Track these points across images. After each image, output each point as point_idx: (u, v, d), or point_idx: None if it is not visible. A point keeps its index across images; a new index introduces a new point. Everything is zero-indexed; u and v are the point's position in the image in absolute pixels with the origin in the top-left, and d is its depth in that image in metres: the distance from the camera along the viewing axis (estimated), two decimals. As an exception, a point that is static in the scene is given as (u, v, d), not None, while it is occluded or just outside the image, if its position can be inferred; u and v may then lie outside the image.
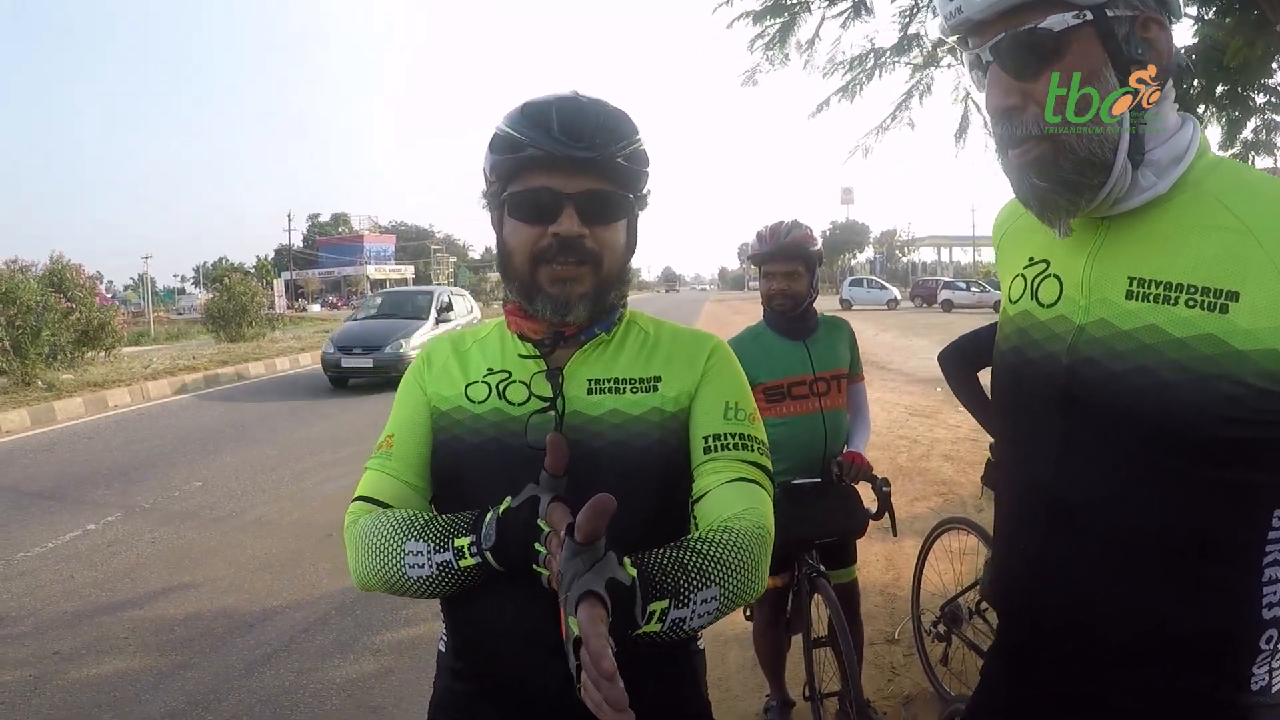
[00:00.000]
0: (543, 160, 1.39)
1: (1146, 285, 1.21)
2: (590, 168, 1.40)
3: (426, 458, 1.55)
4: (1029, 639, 1.41)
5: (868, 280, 57.87)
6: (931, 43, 6.62)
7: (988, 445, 3.41)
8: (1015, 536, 1.43)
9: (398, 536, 1.39)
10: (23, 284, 16.29)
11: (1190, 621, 1.21)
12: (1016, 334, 1.41)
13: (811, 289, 3.36)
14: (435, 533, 1.37)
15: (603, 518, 1.09)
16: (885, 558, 5.84)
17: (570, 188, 1.40)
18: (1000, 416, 1.52)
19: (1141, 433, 1.20)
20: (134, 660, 4.71)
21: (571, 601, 1.09)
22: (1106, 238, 1.28)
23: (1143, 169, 1.22)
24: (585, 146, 1.38)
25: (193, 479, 8.84)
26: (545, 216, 1.41)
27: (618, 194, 1.45)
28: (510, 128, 1.43)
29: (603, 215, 1.43)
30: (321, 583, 5.80)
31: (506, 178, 1.45)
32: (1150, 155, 1.22)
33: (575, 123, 1.39)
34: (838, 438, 3.37)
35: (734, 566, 1.30)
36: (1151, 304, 1.20)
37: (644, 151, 1.49)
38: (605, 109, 1.45)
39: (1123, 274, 1.25)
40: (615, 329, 1.56)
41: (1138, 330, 1.21)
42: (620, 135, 1.43)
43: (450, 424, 1.53)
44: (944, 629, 4.08)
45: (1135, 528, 1.22)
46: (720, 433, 1.49)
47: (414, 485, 1.54)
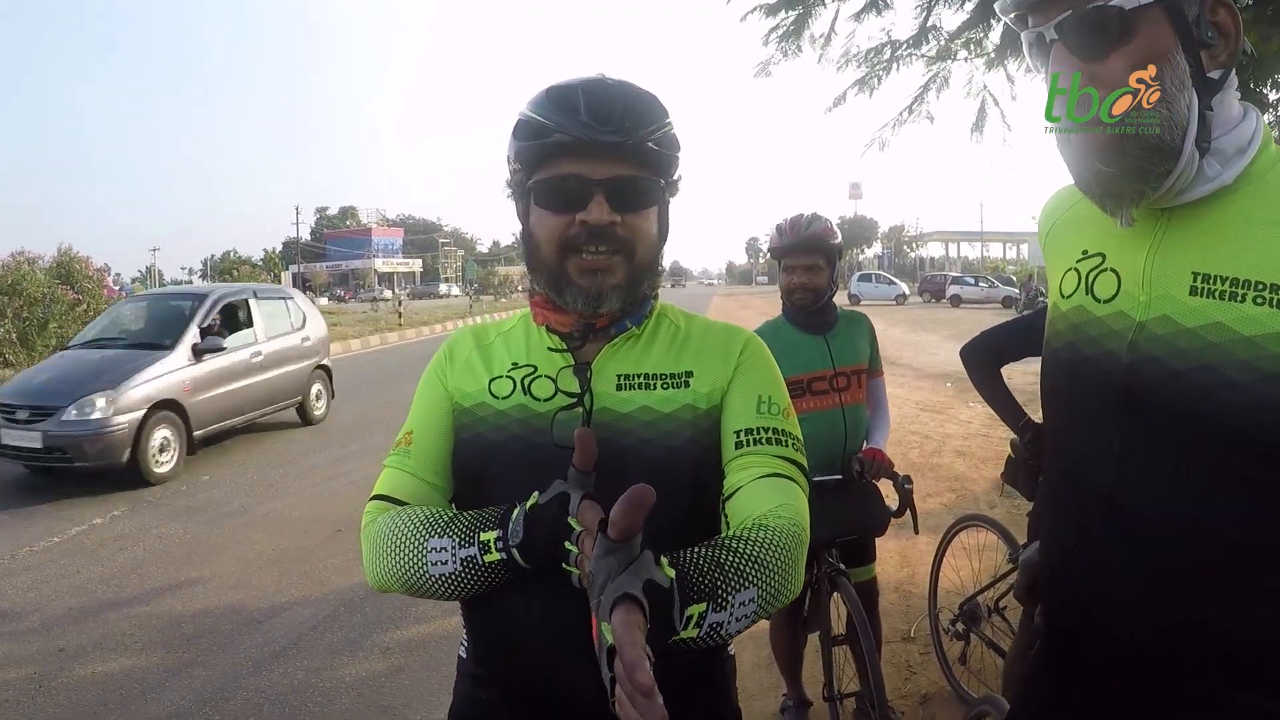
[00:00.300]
0: (570, 146, 1.33)
1: (1212, 281, 1.15)
2: (620, 152, 1.33)
3: (447, 455, 1.48)
4: (1083, 644, 1.35)
5: (876, 275, 57.86)
6: (948, 35, 6.55)
7: (1008, 442, 3.37)
8: (1067, 540, 1.37)
9: (420, 534, 1.32)
10: (29, 276, 16.33)
11: (1256, 627, 1.16)
12: (1071, 330, 1.35)
13: (832, 282, 3.31)
14: (460, 528, 1.30)
15: (640, 511, 1.01)
16: (899, 554, 5.78)
17: (599, 174, 1.33)
18: (1052, 416, 1.45)
19: (1207, 434, 1.15)
20: (140, 658, 4.67)
21: (605, 606, 1.01)
22: (1168, 231, 1.22)
23: (1208, 158, 1.17)
24: (614, 130, 1.32)
25: (200, 473, 8.83)
26: (573, 204, 1.34)
27: (649, 179, 1.38)
28: (535, 112, 1.36)
29: (634, 202, 1.37)
30: (330, 579, 5.76)
31: (532, 165, 1.38)
32: (1216, 143, 1.17)
33: (603, 106, 1.33)
34: (858, 434, 3.33)
35: (772, 567, 1.23)
36: (1217, 300, 1.14)
37: (674, 135, 1.42)
38: (634, 90, 1.38)
39: (1186, 269, 1.18)
40: (646, 322, 1.50)
41: (1202, 328, 1.15)
42: (651, 118, 1.36)
43: (473, 420, 1.46)
44: (962, 627, 4.04)
45: (1200, 532, 1.17)
46: (752, 427, 1.42)
47: (434, 484, 1.47)
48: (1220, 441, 1.14)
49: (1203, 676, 1.20)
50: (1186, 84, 1.15)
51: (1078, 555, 1.32)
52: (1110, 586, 1.26)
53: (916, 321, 32.18)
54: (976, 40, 6.57)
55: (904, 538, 5.53)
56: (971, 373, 3.25)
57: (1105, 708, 1.32)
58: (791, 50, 6.60)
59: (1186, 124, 1.15)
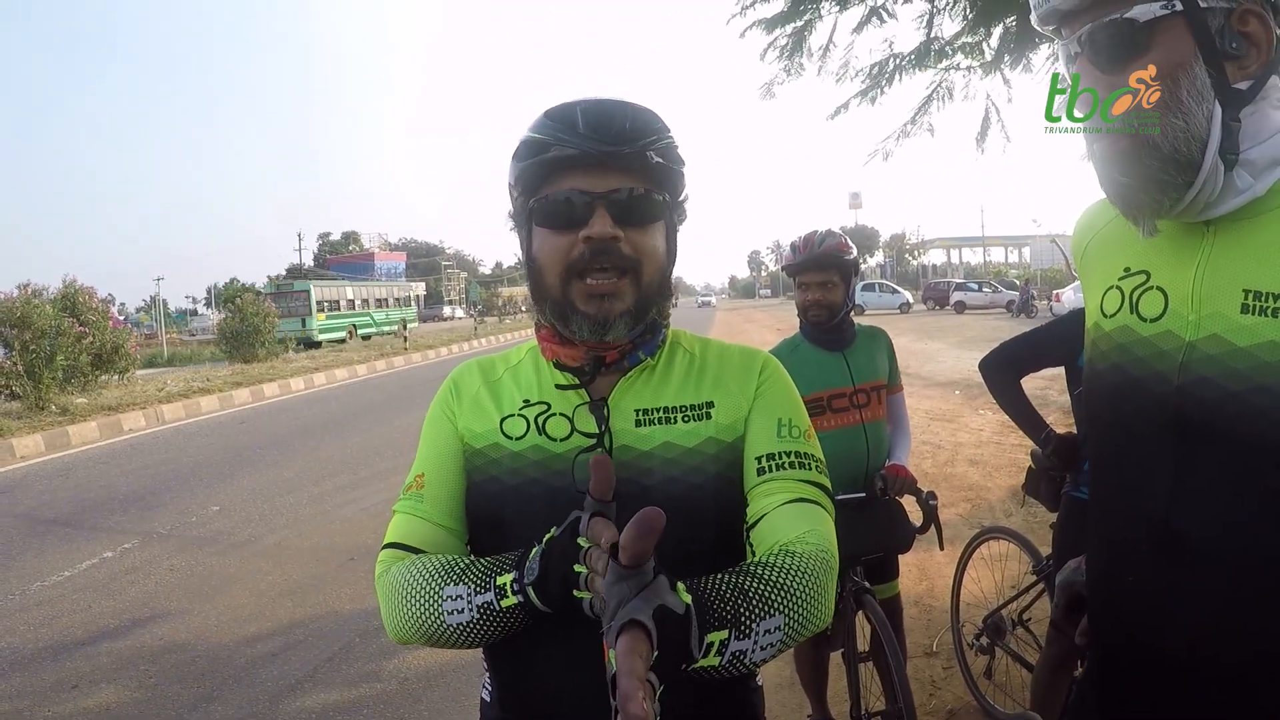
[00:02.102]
0: (570, 160, 1.29)
1: (1264, 299, 1.12)
2: (621, 164, 1.30)
3: (460, 496, 1.43)
4: (1133, 668, 1.32)
5: (879, 285, 57.84)
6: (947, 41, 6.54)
7: (1024, 450, 3.34)
8: (1116, 564, 1.33)
9: (435, 582, 1.27)
10: (37, 308, 16.33)
11: None
12: (1116, 351, 1.31)
13: (848, 298, 3.28)
14: (476, 574, 1.25)
15: (651, 536, 0.98)
16: (918, 567, 5.73)
17: (600, 187, 1.29)
18: (1098, 438, 1.41)
19: (1263, 456, 1.11)
20: (156, 692, 4.61)
21: (613, 632, 0.98)
22: (1215, 247, 1.19)
23: (1238, 169, 1.14)
24: (613, 141, 1.28)
25: (210, 504, 8.78)
26: (576, 221, 1.30)
27: (652, 193, 1.33)
28: (534, 131, 1.33)
29: (638, 216, 1.32)
30: (345, 608, 5.71)
31: (533, 186, 1.34)
32: (1246, 155, 1.14)
33: (602, 119, 1.30)
34: (879, 451, 3.30)
35: (799, 594, 1.19)
36: (1271, 318, 1.11)
37: (677, 148, 1.38)
38: (633, 106, 1.35)
39: (1236, 286, 1.15)
40: (660, 352, 1.45)
41: (1256, 347, 1.12)
42: (651, 130, 1.33)
43: (486, 463, 1.41)
44: (987, 641, 4.01)
45: (1260, 556, 1.13)
46: (774, 452, 1.39)
47: (449, 528, 1.41)
48: (1278, 464, 1.10)
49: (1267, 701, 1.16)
50: (1206, 96, 1.13)
51: (1129, 580, 1.29)
52: (1164, 611, 1.23)
53: (922, 330, 32.13)
54: (975, 45, 6.57)
55: (923, 551, 5.49)
56: (991, 385, 3.24)
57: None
58: (795, 69, 6.59)
59: (1206, 136, 1.13)
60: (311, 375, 22.19)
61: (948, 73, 6.78)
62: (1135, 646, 1.30)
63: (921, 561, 5.77)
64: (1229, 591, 1.16)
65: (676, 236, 1.43)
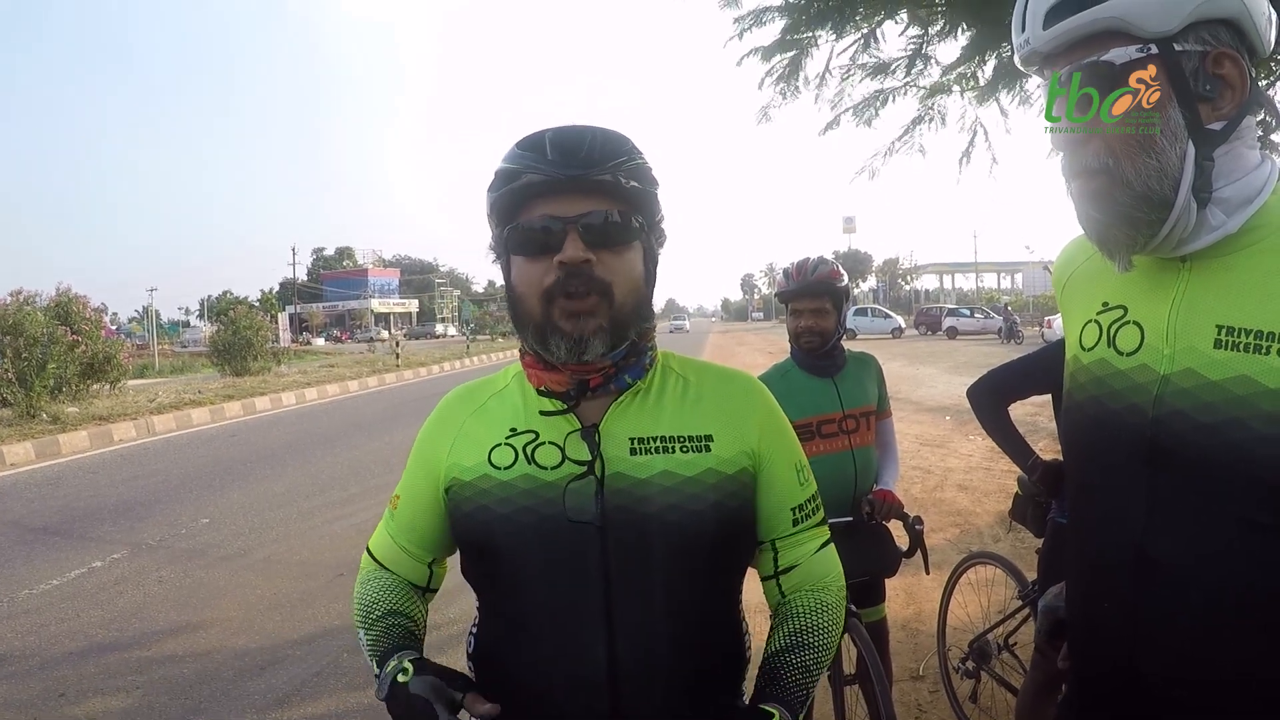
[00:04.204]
0: (541, 186, 1.31)
1: (1236, 334, 1.16)
2: (591, 188, 1.32)
3: (426, 529, 1.53)
4: (1113, 694, 1.34)
5: (872, 309, 58.00)
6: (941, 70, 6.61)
7: (1012, 476, 3.37)
8: (1094, 591, 1.36)
9: (359, 618, 1.51)
10: (29, 316, 16.28)
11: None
12: (1094, 384, 1.35)
13: (840, 325, 3.31)
14: (373, 637, 1.48)
15: None
16: (905, 591, 5.75)
17: (572, 211, 1.31)
18: (1076, 468, 1.45)
19: (1236, 487, 1.15)
20: (143, 704, 4.61)
21: None
22: (1190, 283, 1.23)
23: (1211, 207, 1.18)
24: (581, 164, 1.31)
25: (200, 515, 8.76)
26: (550, 247, 1.31)
27: (623, 216, 1.34)
28: (506, 161, 1.36)
29: (609, 238, 1.33)
30: (333, 624, 5.70)
31: (508, 215, 1.36)
32: (1219, 193, 1.18)
33: (570, 144, 1.33)
34: (868, 476, 3.32)
35: (832, 645, 1.46)
36: (1242, 353, 1.15)
37: (648, 169, 1.39)
38: (601, 130, 1.37)
39: (1210, 321, 1.19)
40: (649, 376, 1.46)
41: (1228, 381, 1.16)
42: (620, 151, 1.35)
43: (476, 494, 1.41)
44: (973, 665, 4.02)
45: (1235, 584, 1.16)
46: (802, 503, 1.52)
47: (411, 552, 1.55)
48: (1249, 494, 1.14)
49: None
50: (1180, 136, 1.17)
51: (1105, 607, 1.32)
52: (1141, 637, 1.26)
53: (914, 355, 32.22)
54: (970, 74, 6.63)
55: (911, 575, 5.50)
56: (979, 412, 3.26)
57: None
58: (790, 92, 6.64)
59: (1179, 174, 1.17)
60: (303, 390, 22.14)
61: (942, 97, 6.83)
62: (1113, 671, 1.32)
63: (909, 586, 5.79)
64: (1203, 618, 1.19)
65: (656, 259, 1.44)
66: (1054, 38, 1.21)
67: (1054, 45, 1.22)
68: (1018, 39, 1.26)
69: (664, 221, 1.44)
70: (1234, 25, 1.17)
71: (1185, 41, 1.15)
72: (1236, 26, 1.17)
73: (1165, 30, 1.14)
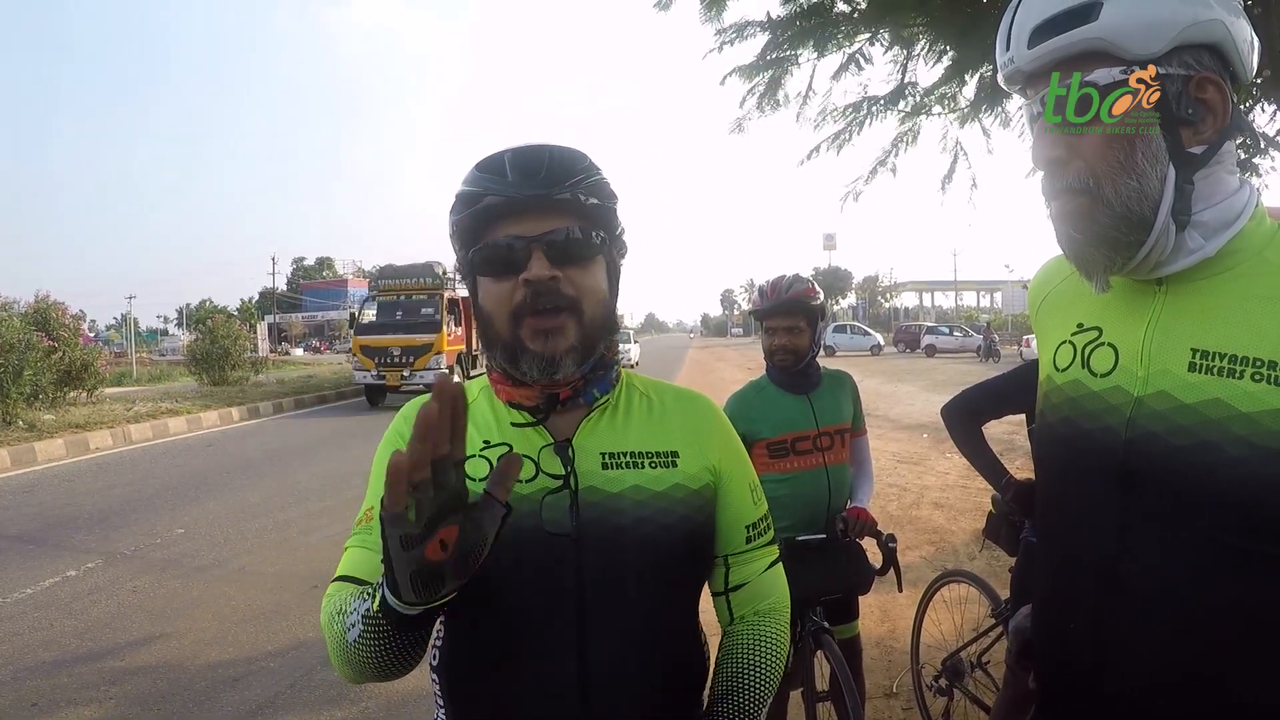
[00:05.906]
0: (502, 207, 1.33)
1: (1210, 358, 1.17)
2: (552, 207, 1.33)
3: None
4: (1083, 712, 1.35)
5: (851, 326, 58.22)
6: (923, 92, 6.65)
7: (987, 495, 3.39)
8: (1064, 612, 1.37)
9: (346, 601, 1.27)
10: (6, 322, 16.15)
11: (1270, 698, 1.17)
12: (1067, 404, 1.36)
13: (814, 343, 3.34)
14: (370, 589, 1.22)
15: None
16: (880, 609, 5.79)
17: (534, 230, 1.33)
18: (1047, 488, 1.46)
19: (1208, 510, 1.16)
20: (116, 714, 4.58)
21: None
22: (1166, 306, 1.25)
23: (1189, 230, 1.19)
24: (541, 184, 1.33)
25: (175, 525, 8.70)
26: (515, 266, 1.32)
27: (586, 232, 1.36)
28: (466, 184, 1.38)
29: (575, 255, 1.35)
30: (307, 636, 5.67)
31: (472, 237, 1.38)
32: (1198, 216, 1.20)
33: (529, 164, 1.35)
34: (841, 493, 3.35)
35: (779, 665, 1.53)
36: (1216, 377, 1.16)
37: (607, 184, 1.42)
38: (559, 148, 1.39)
39: (1185, 345, 1.21)
40: (616, 393, 1.49)
41: (1201, 404, 1.17)
42: (578, 169, 1.37)
43: None
44: (945, 683, 4.04)
45: (1205, 605, 1.17)
46: (755, 520, 1.56)
47: None
48: (1223, 518, 1.15)
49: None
50: (1161, 158, 1.18)
51: (1074, 628, 1.33)
52: (1107, 655, 1.27)
53: (892, 372, 32.33)
54: (950, 96, 6.67)
55: (885, 593, 5.53)
56: (952, 431, 3.28)
57: None
58: (770, 106, 6.65)
59: (1159, 196, 1.18)
60: (280, 400, 22.00)
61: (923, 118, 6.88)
62: (1079, 690, 1.33)
63: (884, 603, 5.82)
64: (1171, 637, 1.20)
65: (618, 272, 1.47)
66: (1038, 57, 1.22)
67: (1038, 65, 1.23)
68: (1001, 57, 1.27)
69: (624, 234, 1.48)
70: (1217, 50, 1.18)
71: (1169, 65, 1.16)
72: (1220, 52, 1.18)
73: (1149, 53, 1.16)
